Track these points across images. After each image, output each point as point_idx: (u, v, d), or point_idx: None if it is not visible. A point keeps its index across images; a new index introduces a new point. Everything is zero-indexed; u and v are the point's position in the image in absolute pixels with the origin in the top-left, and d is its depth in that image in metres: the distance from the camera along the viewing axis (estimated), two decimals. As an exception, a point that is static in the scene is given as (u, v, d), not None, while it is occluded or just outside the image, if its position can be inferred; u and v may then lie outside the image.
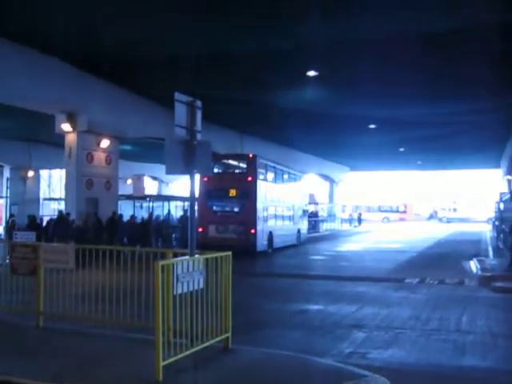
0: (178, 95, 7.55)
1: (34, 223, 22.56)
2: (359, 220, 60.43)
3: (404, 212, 74.49)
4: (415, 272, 17.99)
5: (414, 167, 60.10)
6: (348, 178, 62.49)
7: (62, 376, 6.38)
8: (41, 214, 35.12)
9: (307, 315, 11.24)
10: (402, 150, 42.83)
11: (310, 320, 10.71)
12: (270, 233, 25.39)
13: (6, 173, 39.73)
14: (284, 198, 28.87)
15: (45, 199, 43.54)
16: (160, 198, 38.10)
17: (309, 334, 9.48)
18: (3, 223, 33.49)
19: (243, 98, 24.48)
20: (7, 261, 10.69)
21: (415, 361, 7.83)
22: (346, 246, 31.18)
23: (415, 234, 42.23)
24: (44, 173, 42.87)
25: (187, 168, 7.58)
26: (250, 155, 25.04)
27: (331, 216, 55.24)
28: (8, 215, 32.18)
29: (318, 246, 31.05)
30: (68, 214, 21.81)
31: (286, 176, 30.09)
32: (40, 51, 18.87)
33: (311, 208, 45.89)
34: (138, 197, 36.73)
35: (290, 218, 29.93)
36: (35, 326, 9.08)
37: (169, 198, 35.03)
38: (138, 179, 52.08)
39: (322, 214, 53.47)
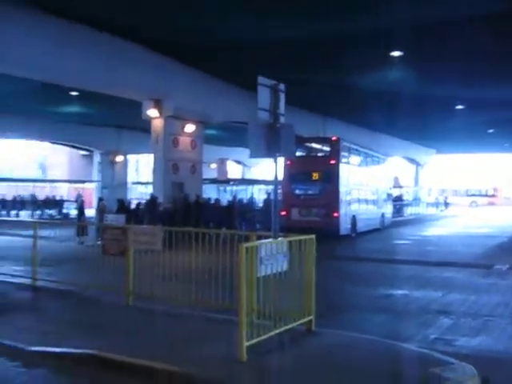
0: (261, 79, 7.59)
1: (123, 206, 23.36)
2: (445, 204, 58.71)
3: (493, 196, 71.57)
4: (505, 258, 17.33)
5: (502, 150, 57.60)
6: (434, 160, 60.78)
7: (151, 354, 6.61)
8: (129, 197, 36.41)
9: (391, 300, 11.09)
10: (490, 131, 41.15)
11: (394, 304, 10.56)
12: (354, 216, 25.14)
13: (97, 158, 41.38)
14: (367, 181, 28.47)
15: (133, 183, 45.10)
16: (243, 181, 38.59)
17: (393, 319, 9.35)
18: (94, 206, 34.91)
19: (326, 81, 24.25)
20: (98, 242, 11.18)
21: (504, 349, 7.57)
22: (432, 231, 30.43)
23: (505, 219, 40.60)
24: (132, 157, 44.24)
25: (270, 151, 7.62)
26: (334, 138, 24.83)
27: (416, 200, 53.98)
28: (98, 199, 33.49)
29: (403, 230, 30.46)
30: (156, 198, 22.46)
31: (369, 159, 29.63)
32: (129, 40, 19.45)
33: (395, 192, 45.03)
34: (222, 180, 37.35)
35: (374, 202, 29.52)
36: (125, 305, 9.46)
37: (252, 182, 35.40)
38: (222, 163, 52.83)
39: (407, 197, 52.33)
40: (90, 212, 31.39)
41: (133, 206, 25.45)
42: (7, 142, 45.86)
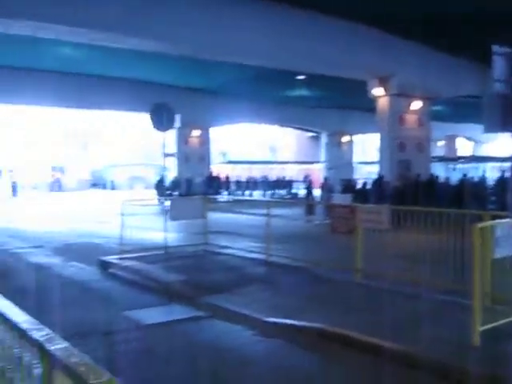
0: (496, 48, 7.11)
1: (349, 186, 23.68)
2: None
3: None
4: None
5: None
6: None
7: (379, 332, 6.64)
8: (354, 177, 36.74)
9: None
10: None
11: None
12: None
13: (324, 139, 42.37)
14: None
15: (358, 163, 45.43)
16: (474, 159, 36.63)
17: None
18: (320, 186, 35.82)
19: None
20: (326, 221, 11.50)
21: None
22: None
23: None
24: (357, 137, 44.44)
25: (507, 125, 7.12)
26: None
27: None
28: (324, 178, 34.29)
29: None
30: (383, 177, 22.35)
31: None
32: (353, 20, 19.49)
33: None
34: (451, 158, 35.83)
35: None
36: (353, 282, 9.61)
37: (484, 159, 33.43)
38: (450, 140, 50.61)
39: None
40: (317, 192, 32.31)
41: (358, 185, 25.63)
42: (241, 126, 48.92)
